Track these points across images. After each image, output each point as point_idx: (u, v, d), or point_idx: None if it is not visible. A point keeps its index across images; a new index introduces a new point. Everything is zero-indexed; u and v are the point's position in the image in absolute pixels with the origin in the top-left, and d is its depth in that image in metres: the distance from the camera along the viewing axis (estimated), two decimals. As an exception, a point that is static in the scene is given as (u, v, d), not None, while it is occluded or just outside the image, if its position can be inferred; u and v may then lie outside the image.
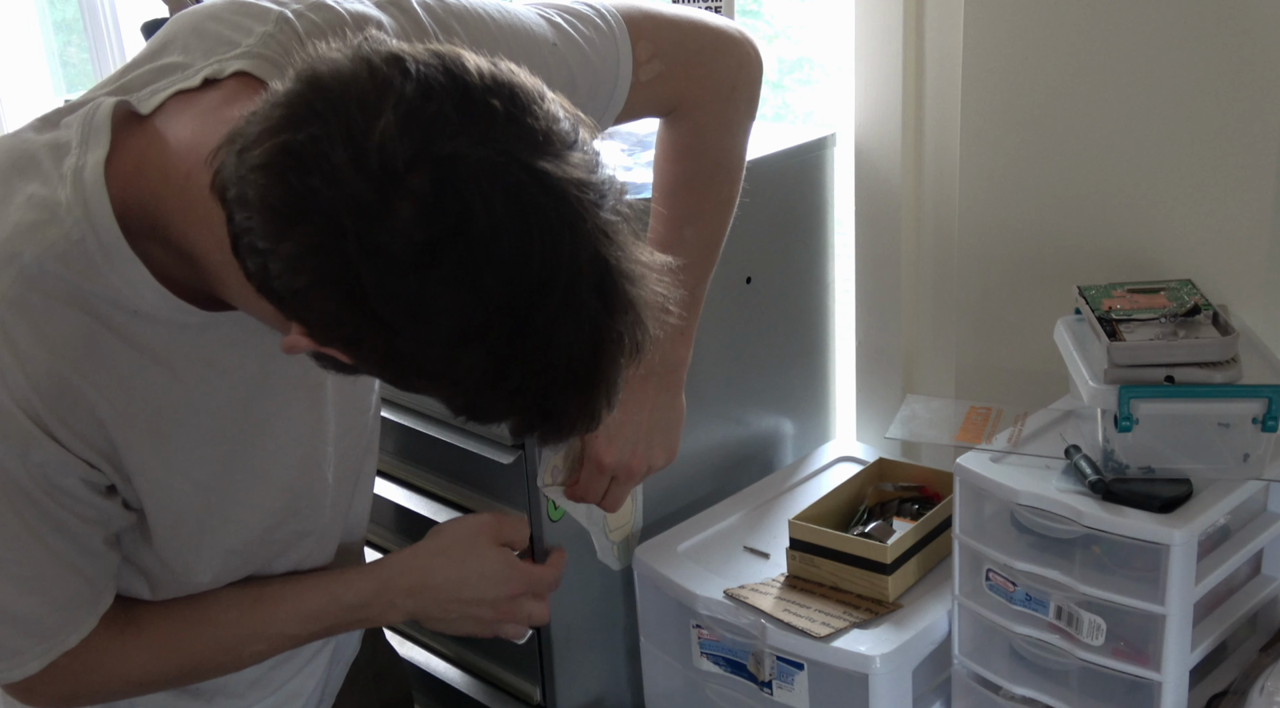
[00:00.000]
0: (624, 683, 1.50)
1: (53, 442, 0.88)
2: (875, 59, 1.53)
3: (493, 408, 0.81)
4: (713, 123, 1.19)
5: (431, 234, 0.72)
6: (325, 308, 0.76)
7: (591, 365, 0.78)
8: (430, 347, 0.76)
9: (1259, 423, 1.07)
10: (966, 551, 1.19)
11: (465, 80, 0.74)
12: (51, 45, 3.26)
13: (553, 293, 0.74)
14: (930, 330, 1.61)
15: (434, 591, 1.13)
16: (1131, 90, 1.30)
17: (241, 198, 0.75)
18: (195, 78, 0.91)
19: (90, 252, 0.86)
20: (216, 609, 1.06)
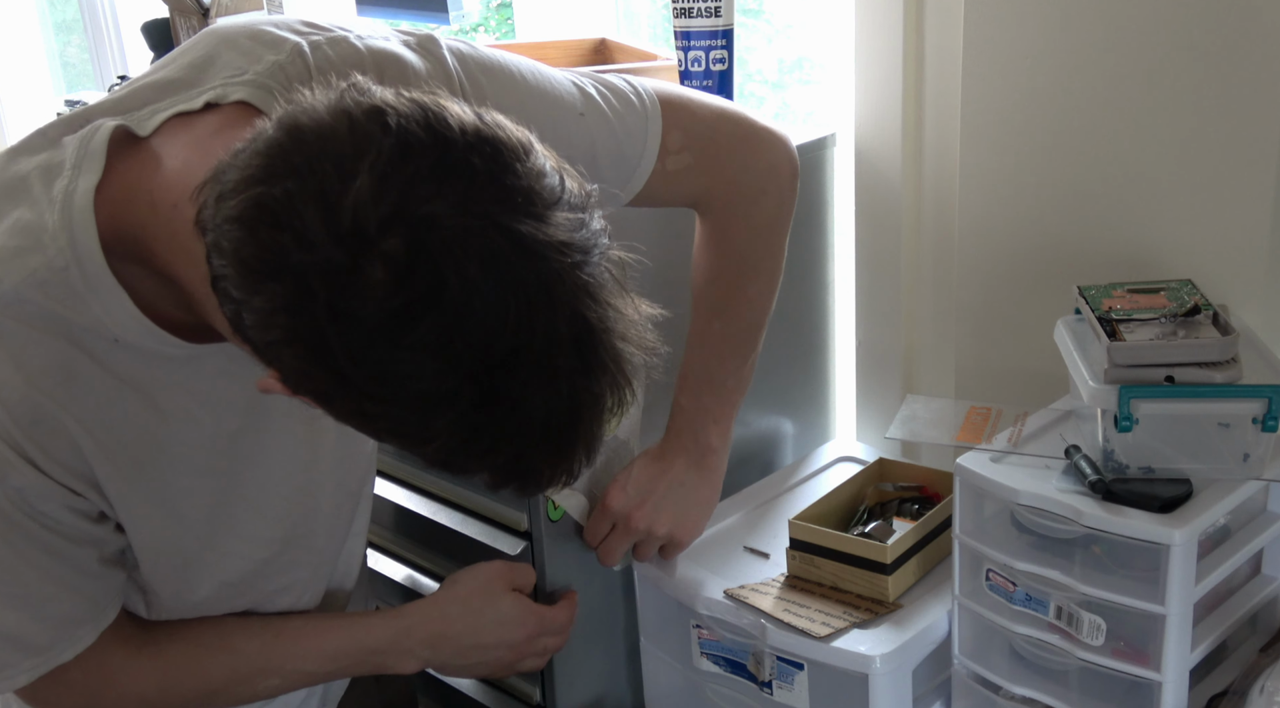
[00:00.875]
0: (624, 683, 1.50)
1: (32, 468, 0.88)
2: (875, 59, 1.53)
3: (465, 466, 0.79)
4: (737, 223, 1.19)
5: (403, 301, 0.70)
6: (295, 363, 0.75)
7: (568, 427, 0.77)
8: (400, 409, 0.74)
9: (1259, 423, 1.07)
10: (966, 550, 1.19)
11: (446, 137, 0.73)
12: (51, 45, 3.26)
13: (524, 360, 0.73)
14: (930, 330, 1.61)
15: (452, 640, 1.16)
16: (1132, 90, 1.30)
17: (217, 246, 0.74)
18: (197, 100, 0.90)
19: (73, 280, 0.86)
20: (239, 638, 1.06)
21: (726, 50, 1.55)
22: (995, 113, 1.41)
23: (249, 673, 1.07)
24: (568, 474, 0.81)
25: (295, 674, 1.10)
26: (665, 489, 1.30)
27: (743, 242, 1.21)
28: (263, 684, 1.09)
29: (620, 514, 1.29)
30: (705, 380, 1.28)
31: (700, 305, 1.25)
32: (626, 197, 1.11)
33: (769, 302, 1.26)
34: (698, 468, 1.30)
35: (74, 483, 0.91)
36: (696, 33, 1.54)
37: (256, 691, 1.09)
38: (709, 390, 1.28)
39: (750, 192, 1.18)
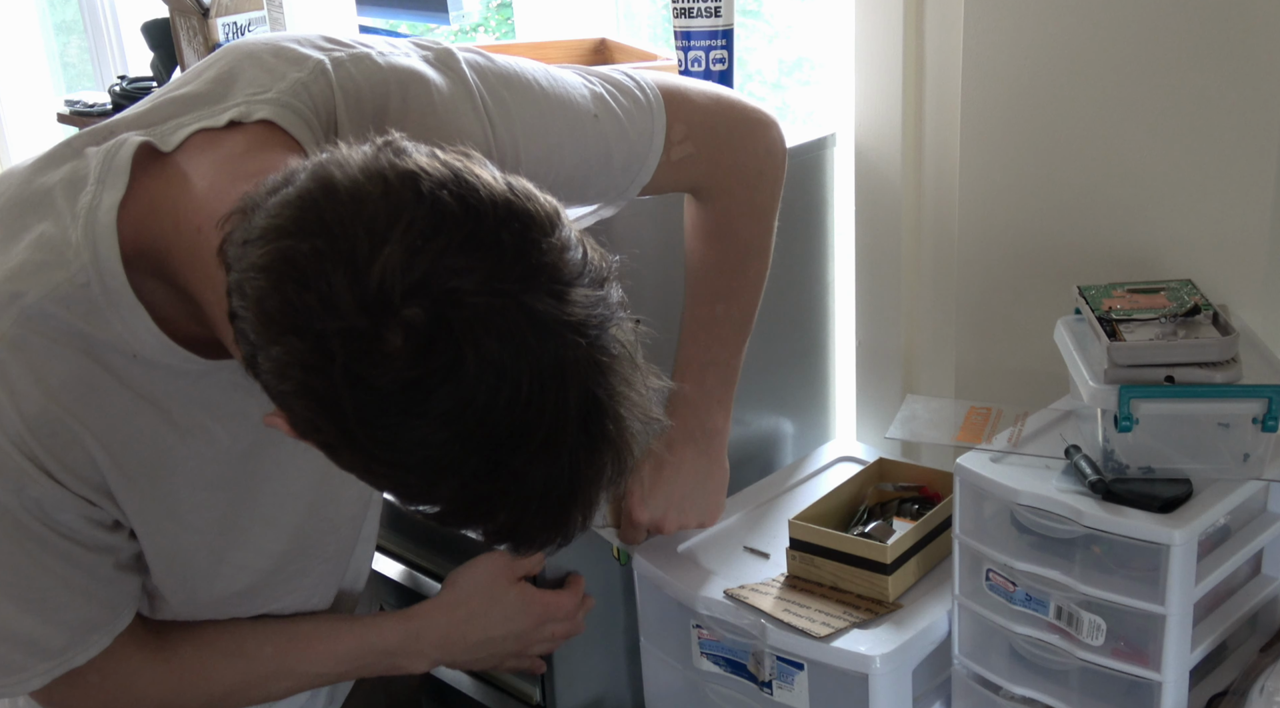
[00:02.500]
0: (624, 683, 1.50)
1: (49, 479, 0.88)
2: (875, 59, 1.53)
3: (463, 527, 0.82)
4: (739, 208, 1.22)
5: (420, 373, 0.71)
6: (306, 415, 0.75)
7: (568, 498, 0.78)
8: (405, 473, 0.76)
9: (1259, 423, 1.07)
10: (966, 550, 1.19)
11: (478, 209, 0.73)
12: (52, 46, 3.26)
13: (532, 437, 0.74)
14: (930, 330, 1.61)
15: (461, 640, 1.18)
16: (1132, 90, 1.30)
17: (240, 288, 0.75)
18: (221, 118, 0.90)
19: (94, 296, 0.86)
20: (252, 643, 1.07)
21: (726, 50, 1.55)
22: (995, 113, 1.41)
23: (262, 677, 1.08)
24: (564, 538, 0.82)
25: (307, 677, 1.11)
26: (685, 489, 1.30)
27: (744, 225, 1.23)
28: (276, 687, 1.10)
29: (650, 525, 1.32)
30: (708, 364, 1.28)
31: (700, 291, 1.26)
32: (634, 191, 1.13)
33: (764, 280, 1.28)
34: (706, 454, 1.31)
35: (89, 494, 0.91)
36: (696, 33, 1.54)
37: (269, 693, 1.10)
38: (712, 374, 1.28)
39: (750, 176, 1.20)
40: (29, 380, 0.86)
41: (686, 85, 1.17)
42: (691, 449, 1.30)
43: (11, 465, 0.87)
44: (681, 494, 1.31)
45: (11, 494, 0.88)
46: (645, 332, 0.80)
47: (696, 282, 1.26)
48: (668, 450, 1.30)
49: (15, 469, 0.87)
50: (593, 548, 1.40)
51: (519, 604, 1.21)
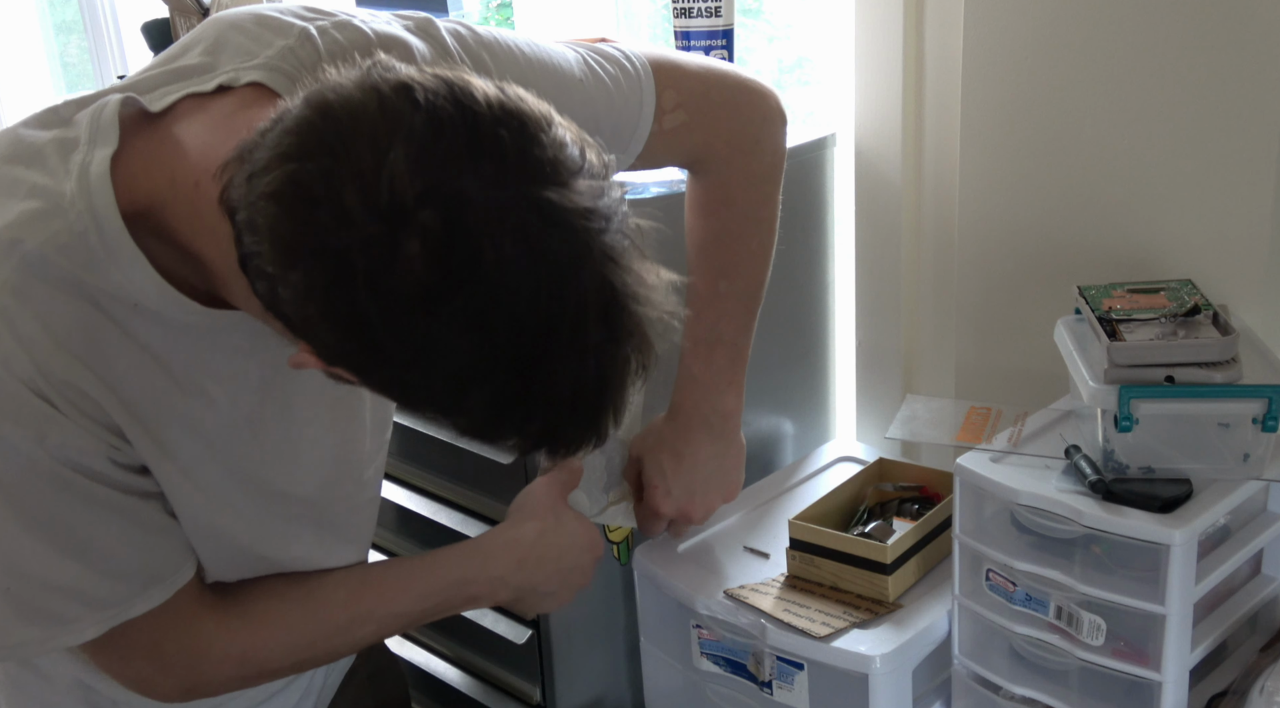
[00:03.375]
0: (624, 683, 1.50)
1: (69, 421, 0.87)
2: (875, 59, 1.53)
3: (499, 435, 0.81)
4: (738, 177, 1.20)
5: (440, 276, 0.72)
6: (331, 338, 0.76)
7: (598, 394, 0.79)
8: (436, 382, 0.76)
9: (1259, 423, 1.07)
10: (966, 551, 1.19)
11: (474, 111, 0.74)
12: (51, 46, 3.26)
13: (559, 332, 0.75)
14: (930, 330, 1.61)
15: (539, 564, 1.14)
16: (1131, 90, 1.30)
17: (251, 223, 0.75)
18: (209, 83, 0.91)
19: (92, 245, 0.86)
20: (323, 590, 1.06)
21: (726, 50, 1.55)
22: (995, 113, 1.41)
23: (341, 623, 1.06)
24: (597, 438, 0.83)
25: (389, 618, 1.09)
26: (704, 475, 1.30)
27: (742, 194, 1.21)
28: (358, 633, 1.07)
29: (675, 514, 1.31)
30: (716, 342, 1.26)
31: (702, 267, 1.24)
32: (628, 161, 1.12)
33: (769, 255, 1.26)
34: (722, 437, 1.30)
35: (108, 437, 0.90)
36: (696, 33, 1.54)
37: (353, 639, 1.08)
38: (721, 352, 1.27)
39: (746, 143, 1.19)
40: (36, 326, 0.86)
41: (677, 55, 1.17)
42: (706, 435, 1.29)
43: (29, 411, 0.86)
44: (702, 480, 1.30)
45: (35, 443, 0.87)
46: (650, 226, 0.81)
47: (697, 257, 1.24)
48: (683, 440, 1.29)
49: (34, 414, 0.86)
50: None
51: (584, 532, 1.19)
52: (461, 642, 1.52)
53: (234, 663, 1.03)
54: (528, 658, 1.42)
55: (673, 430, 1.29)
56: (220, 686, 1.05)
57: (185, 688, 1.03)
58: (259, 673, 1.06)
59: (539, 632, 1.40)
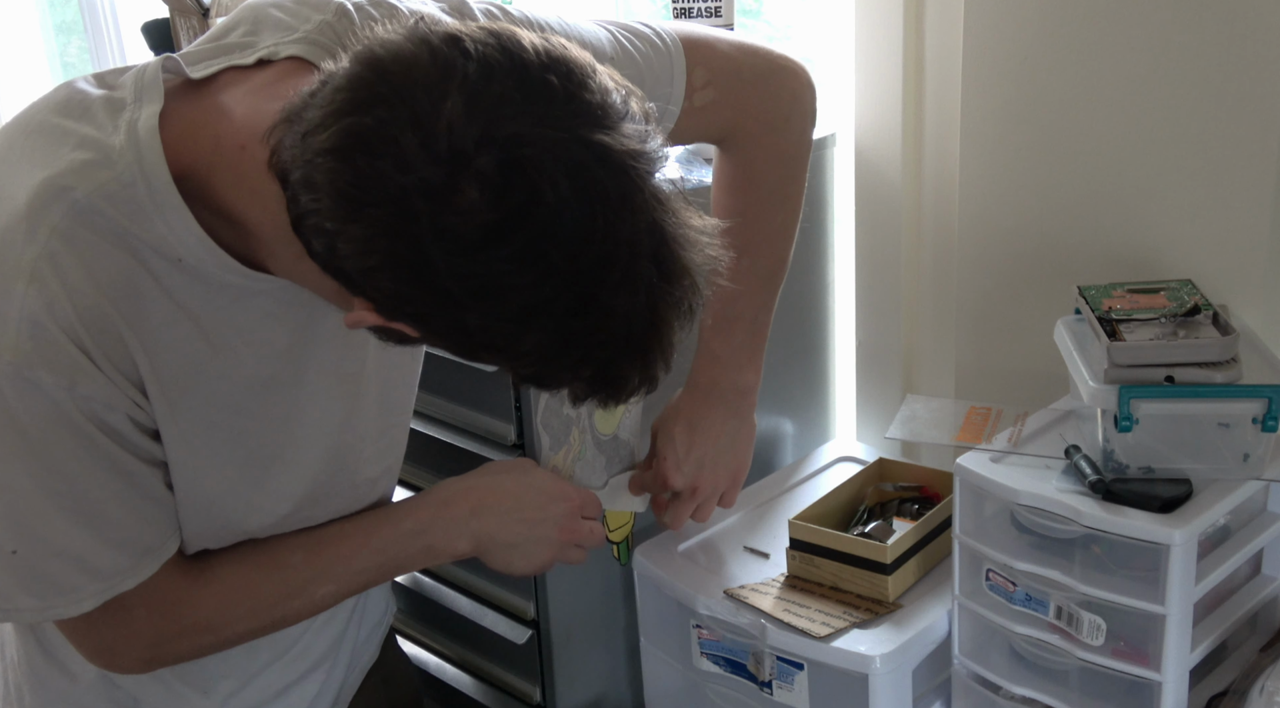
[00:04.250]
0: (624, 683, 1.50)
1: (98, 372, 0.88)
2: (875, 59, 1.53)
3: (556, 377, 0.84)
4: (765, 153, 1.21)
5: (500, 215, 0.74)
6: (395, 286, 0.78)
7: (651, 333, 0.81)
8: (497, 323, 0.78)
9: (1259, 423, 1.07)
10: (966, 551, 1.19)
11: (522, 58, 0.76)
12: (52, 47, 3.26)
13: (615, 268, 0.77)
14: (930, 330, 1.61)
15: (495, 510, 1.13)
16: (1131, 90, 1.30)
17: (308, 180, 0.77)
18: (250, 57, 0.92)
19: (139, 197, 0.87)
20: (283, 552, 1.05)
21: (726, 50, 1.55)
22: (995, 113, 1.41)
23: (300, 584, 1.06)
24: (650, 382, 0.85)
25: (347, 576, 1.08)
26: (715, 451, 1.29)
27: (769, 171, 1.22)
28: (320, 593, 1.07)
29: (683, 487, 1.30)
30: (736, 319, 1.26)
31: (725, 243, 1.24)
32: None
33: (793, 234, 1.26)
34: (737, 414, 1.29)
35: (133, 393, 0.91)
36: (696, 33, 1.54)
37: (315, 600, 1.07)
38: (740, 329, 1.26)
39: (775, 120, 1.20)
40: (81, 273, 0.87)
41: (709, 33, 1.17)
42: (722, 410, 1.28)
43: (65, 358, 0.87)
44: (714, 456, 1.30)
45: (64, 392, 0.87)
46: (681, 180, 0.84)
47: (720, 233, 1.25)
48: (698, 414, 1.28)
49: (68, 362, 0.87)
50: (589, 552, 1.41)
51: (551, 485, 1.18)
52: (462, 642, 1.52)
53: (199, 632, 1.03)
54: (528, 658, 1.42)
55: (689, 404, 1.29)
56: (181, 657, 1.05)
57: (147, 659, 1.03)
58: (222, 641, 1.05)
59: (539, 632, 1.40)
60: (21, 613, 0.95)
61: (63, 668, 1.07)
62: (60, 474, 0.90)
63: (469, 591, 1.47)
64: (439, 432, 1.41)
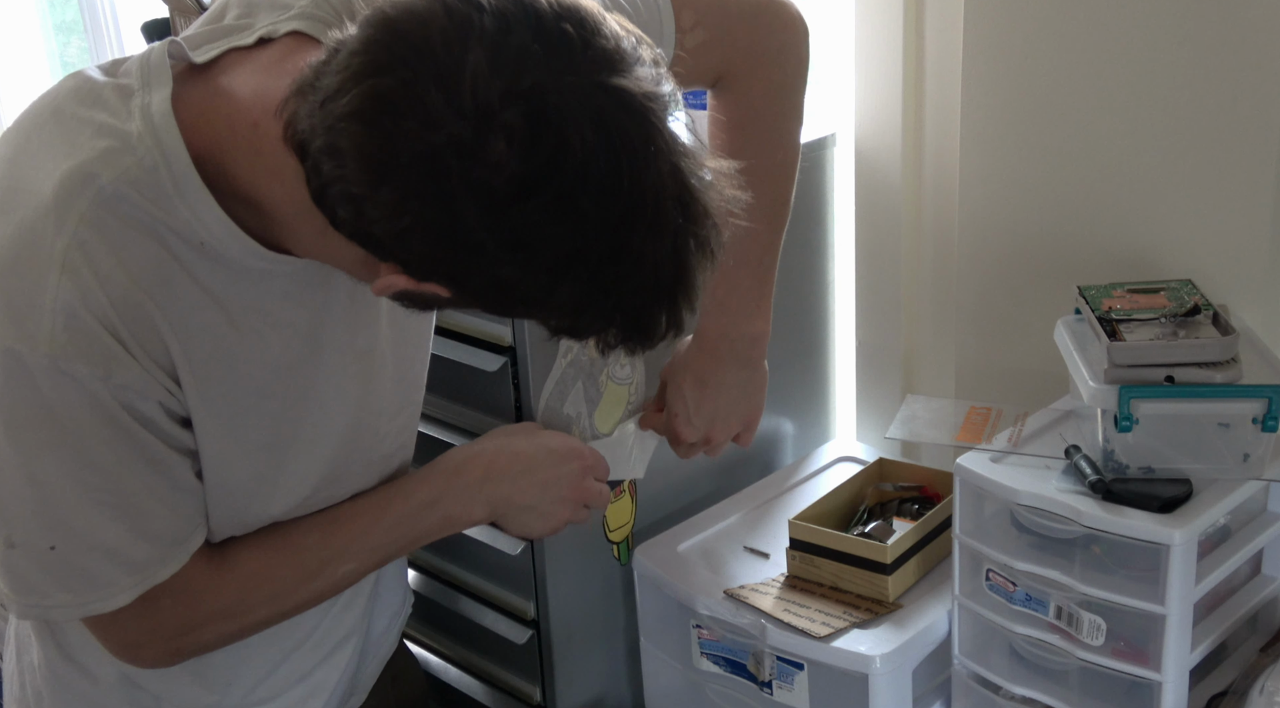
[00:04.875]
0: (624, 683, 1.50)
1: (133, 360, 0.88)
2: (875, 59, 1.53)
3: (589, 327, 0.84)
4: (760, 88, 1.19)
5: (531, 167, 0.74)
6: (427, 247, 0.78)
7: (678, 275, 0.82)
8: (532, 275, 0.79)
9: (1259, 423, 1.07)
10: (966, 551, 1.19)
11: (535, 8, 0.76)
12: (52, 46, 3.26)
13: (644, 213, 0.77)
14: (930, 330, 1.61)
15: (507, 473, 1.13)
16: (1131, 90, 1.30)
17: (331, 147, 0.77)
18: (249, 37, 0.92)
19: (162, 181, 0.87)
20: (298, 535, 1.05)
21: (726, 50, 1.55)
22: (995, 113, 1.41)
23: (318, 565, 1.06)
24: (677, 326, 0.85)
25: (365, 553, 1.08)
26: (727, 402, 1.27)
27: (765, 107, 1.20)
28: (340, 572, 1.07)
29: (696, 441, 1.29)
30: (740, 264, 1.23)
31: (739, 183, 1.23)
32: None
33: (793, 173, 1.24)
34: (747, 364, 1.27)
35: (166, 381, 0.91)
36: (696, 33, 1.54)
37: (335, 580, 1.07)
38: (746, 274, 1.24)
39: (768, 53, 1.19)
40: (112, 261, 0.87)
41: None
42: (732, 363, 1.26)
43: (100, 348, 0.87)
44: (726, 408, 1.28)
45: (100, 382, 0.87)
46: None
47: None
48: (708, 367, 1.26)
49: (104, 352, 0.87)
50: (593, 548, 1.41)
51: (560, 443, 1.17)
52: (462, 642, 1.52)
53: (221, 620, 1.02)
54: (528, 658, 1.42)
55: (697, 357, 1.26)
56: (206, 646, 1.04)
57: (171, 650, 1.02)
58: (243, 628, 1.05)
59: (539, 632, 1.40)
60: (59, 609, 0.94)
61: (83, 670, 1.07)
62: (96, 467, 0.90)
63: (469, 591, 1.48)
64: (439, 431, 1.41)
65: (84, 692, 1.07)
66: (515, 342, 1.30)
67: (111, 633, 1.00)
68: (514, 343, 1.30)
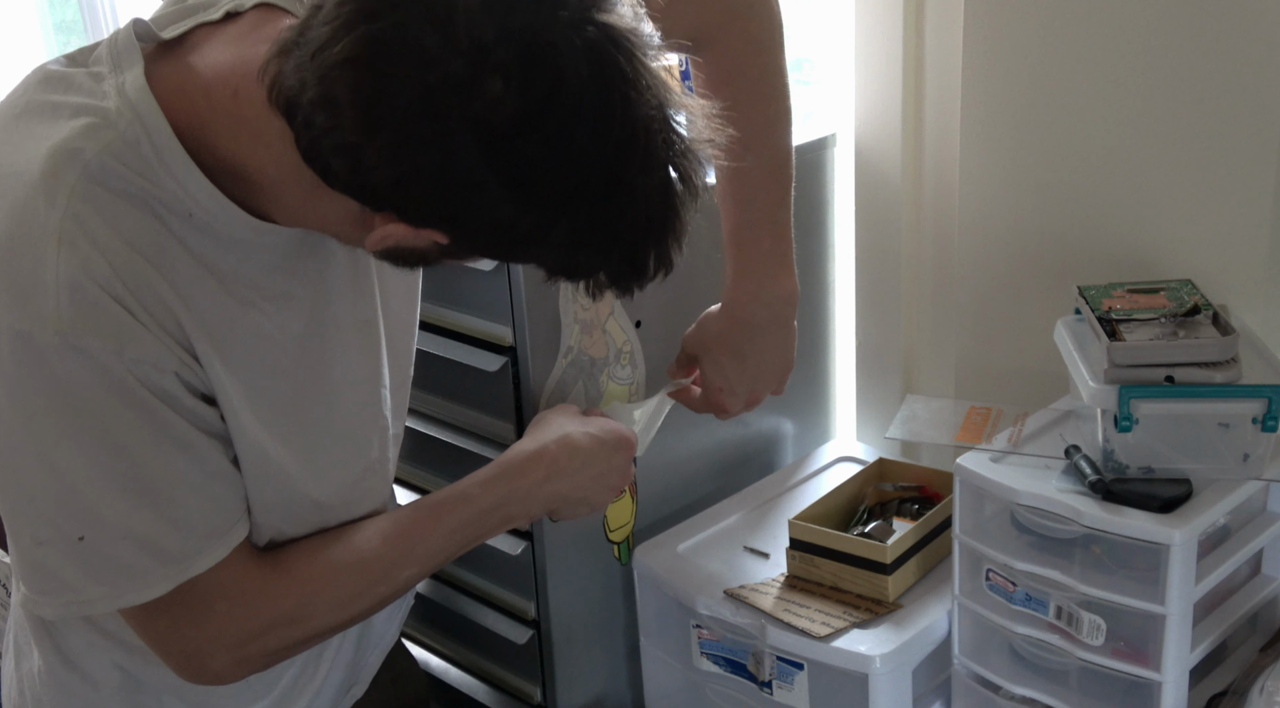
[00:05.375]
0: (624, 683, 1.50)
1: (145, 330, 0.87)
2: (875, 59, 1.53)
3: (586, 266, 0.85)
4: (738, 43, 1.19)
5: (527, 101, 0.75)
6: (427, 190, 0.79)
7: (668, 212, 0.83)
8: (531, 212, 0.79)
9: (1259, 423, 1.07)
10: (966, 551, 1.19)
11: None
12: (52, 46, 3.26)
13: (636, 147, 0.79)
14: (930, 330, 1.61)
15: (567, 471, 1.13)
16: (1131, 90, 1.30)
17: (325, 98, 0.77)
18: (217, 12, 0.92)
19: (145, 153, 0.87)
20: (359, 541, 1.04)
21: (726, 50, 1.55)
22: (995, 113, 1.41)
23: (382, 572, 1.04)
24: (667, 265, 0.86)
25: (427, 557, 1.07)
26: (766, 366, 1.27)
27: (746, 61, 1.20)
28: (400, 576, 1.06)
29: (740, 411, 1.30)
30: (759, 221, 1.22)
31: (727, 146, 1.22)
32: None
33: (789, 126, 1.23)
34: (783, 325, 1.26)
35: (180, 352, 0.90)
36: (696, 33, 1.54)
37: (398, 586, 1.06)
38: (767, 233, 1.23)
39: (740, 8, 1.19)
40: (108, 232, 0.86)
41: None
42: (770, 327, 1.25)
43: (109, 319, 0.85)
44: (765, 371, 1.28)
45: (114, 356, 0.86)
46: None
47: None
48: (745, 337, 1.25)
49: (113, 323, 0.86)
50: (593, 548, 1.41)
51: (609, 429, 1.17)
52: (462, 642, 1.52)
53: (285, 626, 1.00)
54: (528, 658, 1.42)
55: (732, 329, 1.25)
56: (271, 655, 1.01)
57: (237, 659, 0.99)
58: (308, 636, 1.03)
59: (539, 632, 1.40)
60: (93, 603, 0.92)
61: (84, 676, 1.06)
62: (118, 449, 0.88)
63: (469, 591, 1.48)
64: (439, 431, 1.41)
65: (86, 697, 1.07)
66: (516, 342, 1.29)
67: (171, 643, 0.97)
68: (514, 343, 1.29)
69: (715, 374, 1.26)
